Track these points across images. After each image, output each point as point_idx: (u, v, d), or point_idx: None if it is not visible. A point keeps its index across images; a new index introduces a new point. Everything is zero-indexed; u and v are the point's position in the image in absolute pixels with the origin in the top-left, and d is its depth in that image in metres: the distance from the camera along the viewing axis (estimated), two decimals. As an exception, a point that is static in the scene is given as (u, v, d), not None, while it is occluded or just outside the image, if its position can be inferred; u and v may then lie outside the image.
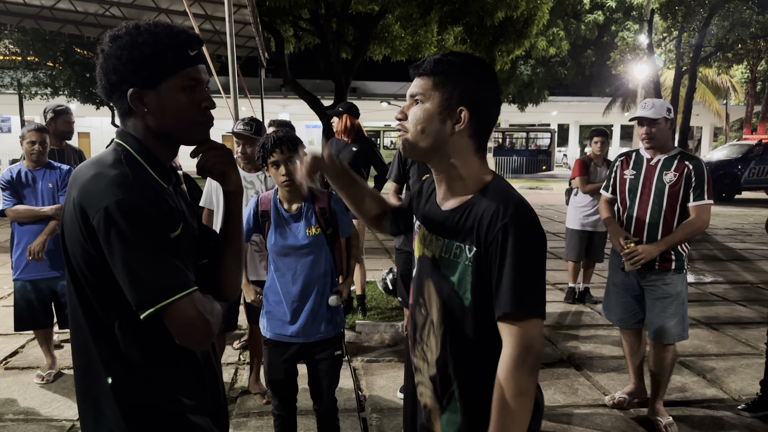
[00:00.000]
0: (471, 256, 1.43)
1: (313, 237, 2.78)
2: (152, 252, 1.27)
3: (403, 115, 1.53)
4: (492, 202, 1.43)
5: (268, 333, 2.85)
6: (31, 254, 3.86)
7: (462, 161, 1.50)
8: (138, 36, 1.35)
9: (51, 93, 24.25)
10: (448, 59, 1.48)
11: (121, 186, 1.29)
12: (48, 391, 3.99)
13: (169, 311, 1.28)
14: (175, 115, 1.39)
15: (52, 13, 9.59)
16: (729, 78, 29.71)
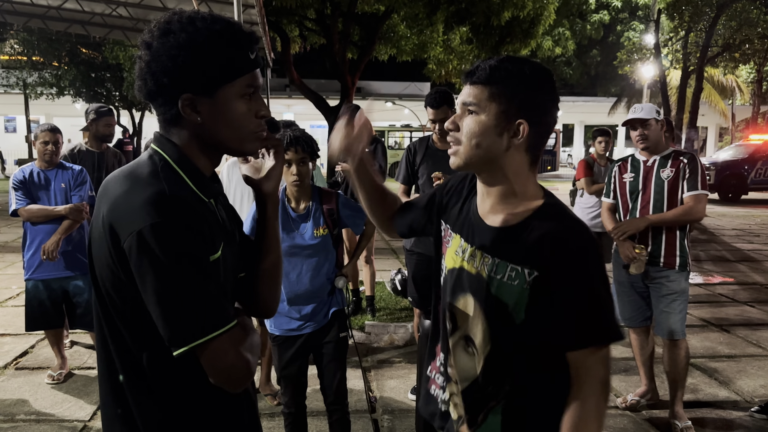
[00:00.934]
0: (530, 280, 1.34)
1: (320, 237, 2.79)
2: (188, 283, 1.13)
3: (454, 125, 1.41)
4: (555, 225, 1.36)
5: (276, 330, 2.86)
6: (46, 254, 3.86)
7: (516, 176, 1.41)
8: (196, 34, 1.19)
9: (56, 93, 24.35)
10: (506, 66, 1.36)
11: (156, 207, 1.13)
12: (59, 392, 4.00)
13: (204, 350, 1.15)
14: (231, 125, 1.25)
15: (59, 13, 9.61)
16: (735, 78, 29.61)
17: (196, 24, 1.20)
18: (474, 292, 1.44)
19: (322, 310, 2.84)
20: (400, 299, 5.84)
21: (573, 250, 1.33)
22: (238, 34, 1.23)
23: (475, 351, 1.45)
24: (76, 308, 4.15)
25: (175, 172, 1.23)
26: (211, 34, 1.19)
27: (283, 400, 2.95)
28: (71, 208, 3.94)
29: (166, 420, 1.25)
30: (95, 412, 3.71)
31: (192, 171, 1.26)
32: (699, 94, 17.71)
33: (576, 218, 1.40)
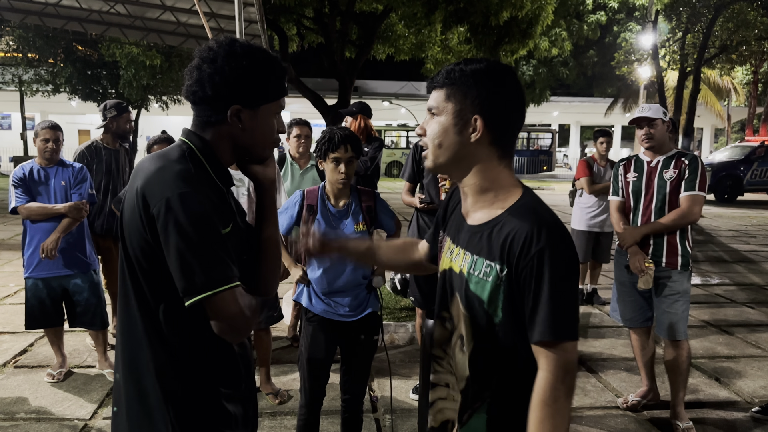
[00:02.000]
0: (503, 275, 1.37)
1: (360, 233, 2.85)
2: (205, 244, 1.35)
3: (422, 131, 1.50)
4: (525, 222, 1.36)
5: (314, 309, 2.87)
6: (45, 252, 3.83)
7: (485, 171, 1.45)
8: (255, 61, 1.46)
9: (52, 90, 24.22)
10: (459, 68, 1.43)
11: (184, 180, 1.38)
12: (59, 390, 3.97)
13: (212, 302, 1.36)
14: (263, 135, 1.53)
15: (56, 9, 9.55)
16: (731, 79, 29.71)
17: (255, 54, 1.47)
18: (458, 289, 1.48)
19: (359, 305, 2.88)
20: (400, 298, 5.82)
21: (542, 249, 1.33)
22: (278, 66, 1.52)
23: (465, 349, 1.47)
24: (76, 306, 4.12)
25: (198, 159, 1.48)
26: (263, 63, 1.48)
27: (302, 388, 2.91)
28: (71, 207, 3.92)
29: (175, 366, 1.46)
30: (96, 410, 3.70)
31: (213, 162, 1.51)
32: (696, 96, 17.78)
33: (549, 216, 1.39)
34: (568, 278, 1.35)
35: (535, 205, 1.42)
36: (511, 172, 1.48)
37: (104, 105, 4.74)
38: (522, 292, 1.35)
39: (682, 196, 3.48)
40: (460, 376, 1.50)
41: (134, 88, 21.60)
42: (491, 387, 1.44)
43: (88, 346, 4.74)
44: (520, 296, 1.36)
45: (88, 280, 4.09)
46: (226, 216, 1.46)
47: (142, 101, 24.03)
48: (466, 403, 1.48)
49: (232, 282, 1.38)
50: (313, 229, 1.85)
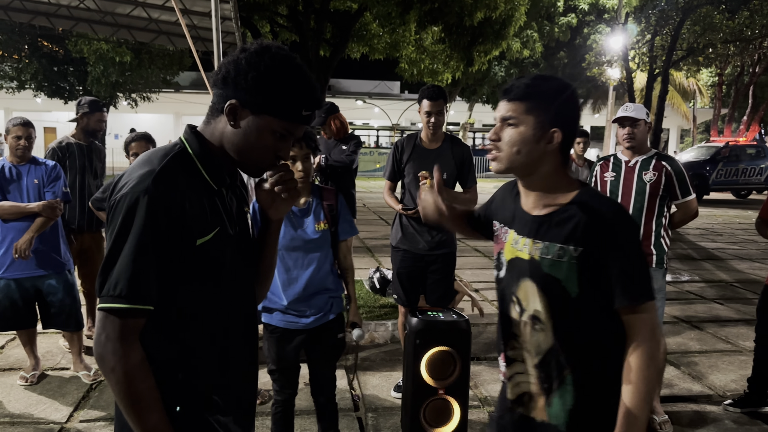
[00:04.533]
0: (576, 255, 1.57)
1: (321, 232, 2.81)
2: (132, 253, 1.28)
3: (496, 136, 1.64)
4: (595, 206, 1.58)
5: (275, 322, 2.83)
6: (18, 252, 3.73)
7: (552, 174, 1.65)
8: (277, 67, 1.38)
9: (17, 87, 23.63)
10: (538, 84, 1.61)
11: (151, 181, 1.31)
12: (33, 393, 3.88)
13: (105, 316, 1.29)
14: (251, 146, 1.42)
15: (22, 4, 9.30)
16: (696, 81, 30.39)
17: (283, 62, 1.39)
18: (531, 275, 1.66)
19: (324, 307, 2.84)
20: (379, 297, 5.83)
21: (618, 225, 1.56)
22: (306, 91, 1.42)
23: (543, 326, 1.65)
24: (50, 308, 4.02)
25: (188, 159, 1.42)
26: (286, 75, 1.39)
27: (276, 387, 2.93)
28: (44, 205, 3.82)
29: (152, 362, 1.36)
30: (72, 413, 3.62)
31: (208, 162, 1.44)
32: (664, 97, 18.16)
33: (610, 200, 1.65)
34: (641, 248, 1.59)
35: (596, 194, 1.65)
36: (568, 174, 1.70)
37: (80, 100, 4.68)
38: (600, 264, 1.54)
39: (681, 201, 3.58)
40: (536, 351, 1.67)
41: (103, 85, 21.22)
42: (573, 359, 1.61)
43: (62, 347, 4.64)
44: (598, 271, 1.55)
45: (62, 281, 4.00)
46: (209, 222, 1.39)
47: (111, 99, 23.60)
48: (547, 376, 1.65)
49: (138, 304, 1.29)
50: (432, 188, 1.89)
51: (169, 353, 1.39)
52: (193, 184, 1.38)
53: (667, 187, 3.56)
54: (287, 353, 2.86)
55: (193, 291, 1.39)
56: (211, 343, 1.44)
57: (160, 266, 1.30)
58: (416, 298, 3.96)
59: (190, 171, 1.40)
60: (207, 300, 1.43)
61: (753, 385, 3.85)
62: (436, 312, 3.20)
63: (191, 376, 1.41)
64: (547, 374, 1.66)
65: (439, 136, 3.87)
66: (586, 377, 1.62)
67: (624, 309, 1.55)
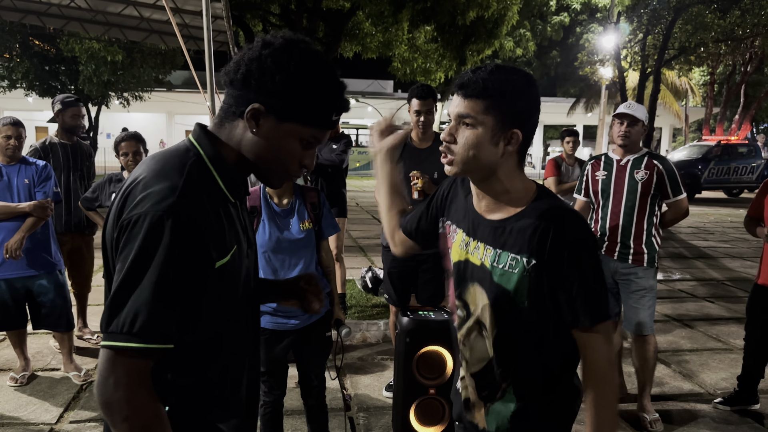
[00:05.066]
0: (529, 267, 1.46)
1: (306, 231, 2.81)
2: (154, 282, 1.10)
3: (451, 137, 1.49)
4: (550, 216, 1.46)
5: (269, 324, 2.83)
6: (9, 252, 3.71)
7: (508, 176, 1.51)
8: (306, 70, 1.23)
9: (8, 86, 23.47)
10: (498, 78, 1.43)
11: (162, 201, 1.14)
12: (23, 394, 3.86)
13: (114, 352, 1.11)
14: (276, 155, 1.27)
15: (13, 2, 9.25)
16: (688, 80, 30.52)
17: (313, 62, 1.24)
18: (479, 281, 1.57)
19: None
20: (371, 296, 5.83)
21: (574, 240, 1.45)
22: (336, 95, 1.28)
23: (486, 334, 1.58)
24: (41, 308, 4.00)
25: (206, 169, 1.25)
26: (317, 78, 1.24)
27: (265, 388, 2.94)
28: (35, 205, 3.80)
29: None
30: (62, 414, 3.60)
31: (225, 170, 1.28)
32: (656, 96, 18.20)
33: (569, 209, 1.50)
34: (598, 263, 1.49)
35: (554, 198, 1.53)
36: (523, 172, 1.56)
37: (54, 98, 4.69)
38: (553, 279, 1.45)
39: (672, 201, 3.59)
40: (476, 359, 1.61)
41: (94, 84, 21.10)
42: (515, 369, 1.56)
43: (53, 348, 4.61)
44: (548, 284, 1.46)
45: (53, 281, 3.98)
46: (226, 243, 1.24)
47: (103, 98, 23.49)
48: (486, 385, 1.60)
49: (157, 343, 1.11)
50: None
51: (174, 390, 1.25)
52: (213, 198, 1.23)
53: (658, 186, 3.57)
54: (276, 354, 2.86)
55: (207, 315, 1.24)
56: (223, 369, 1.32)
57: (184, 298, 1.14)
58: (407, 298, 3.97)
59: (208, 183, 1.24)
60: (221, 322, 1.29)
61: (743, 383, 3.87)
62: (426, 311, 3.20)
63: (202, 401, 1.30)
64: (486, 383, 1.61)
65: (429, 135, 3.87)
66: (527, 389, 1.57)
67: (580, 328, 1.47)
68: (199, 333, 1.23)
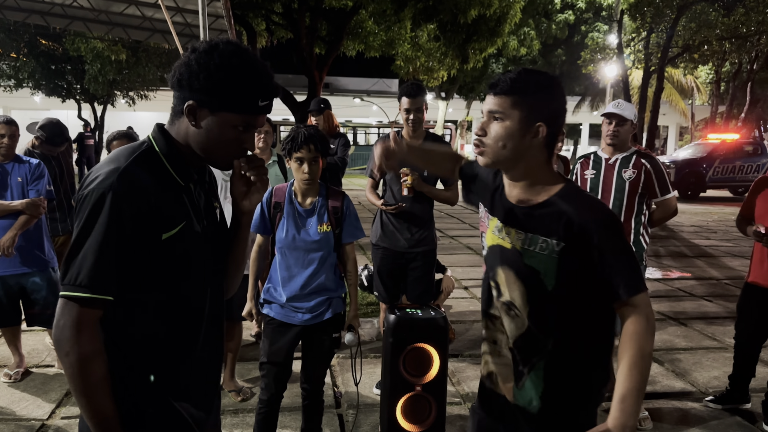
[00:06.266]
0: (558, 249, 1.60)
1: (323, 234, 2.84)
2: (97, 244, 1.34)
3: (482, 131, 1.66)
4: (578, 203, 1.62)
5: (278, 315, 2.88)
6: (1, 249, 3.75)
7: (537, 168, 1.67)
8: (228, 64, 1.41)
9: (14, 85, 23.61)
10: (524, 78, 1.61)
11: (106, 179, 1.37)
12: (16, 390, 3.90)
13: (65, 303, 1.34)
14: (216, 143, 1.47)
15: (17, 2, 9.32)
16: (694, 79, 30.36)
17: (232, 58, 1.42)
18: (510, 263, 1.71)
19: (321, 306, 2.88)
20: (367, 295, 5.84)
21: (603, 222, 1.59)
22: (259, 82, 1.45)
23: (518, 313, 1.70)
24: (34, 305, 4.04)
25: (155, 156, 1.47)
26: (237, 70, 1.42)
27: (263, 384, 2.94)
28: (28, 203, 3.84)
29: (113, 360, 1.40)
30: (54, 410, 3.64)
31: (174, 159, 1.49)
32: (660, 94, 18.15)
33: (593, 197, 1.69)
34: (628, 243, 1.63)
35: (580, 190, 1.70)
36: (553, 168, 1.72)
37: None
38: (584, 262, 1.57)
39: (661, 199, 3.61)
40: (511, 335, 1.72)
41: (100, 84, 21.20)
42: (547, 345, 1.66)
43: (48, 345, 4.66)
44: (577, 267, 1.59)
45: (46, 279, 4.02)
46: (175, 217, 1.45)
47: (108, 97, 23.60)
48: (520, 358, 1.71)
49: (97, 293, 1.34)
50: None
51: (133, 342, 1.44)
52: (158, 180, 1.43)
53: (646, 185, 3.57)
54: (280, 347, 2.89)
55: (160, 282, 1.45)
56: (175, 333, 1.50)
57: (123, 259, 1.36)
58: (397, 295, 3.98)
59: (156, 168, 1.45)
60: (173, 291, 1.48)
61: (734, 382, 3.86)
62: (414, 309, 3.21)
63: (154, 364, 1.47)
64: (519, 358, 1.72)
65: (420, 133, 3.87)
66: (557, 365, 1.67)
67: (620, 303, 1.58)
68: (147, 293, 1.43)
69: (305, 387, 3.03)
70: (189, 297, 1.52)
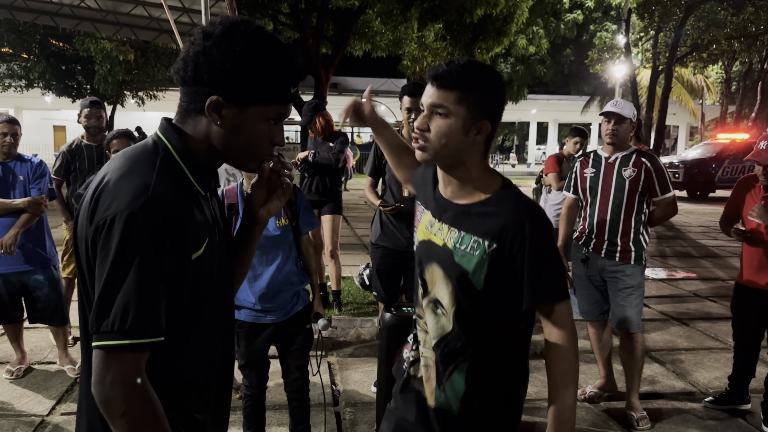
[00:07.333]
0: (490, 251, 1.55)
1: (282, 227, 2.87)
2: (137, 279, 1.13)
3: (425, 125, 1.57)
4: (515, 206, 1.57)
5: (248, 318, 2.89)
6: (3, 248, 3.79)
7: (474, 164, 1.61)
8: (254, 50, 1.22)
9: (25, 85, 23.85)
10: (470, 72, 1.53)
11: (136, 199, 1.14)
12: (18, 387, 3.94)
13: (111, 352, 1.13)
14: (247, 141, 1.28)
15: (26, 3, 9.41)
16: (704, 78, 30.15)
17: (258, 41, 1.23)
18: (440, 260, 1.66)
19: (290, 302, 2.91)
20: (368, 293, 5.86)
21: (535, 229, 1.54)
22: (289, 66, 1.27)
23: (444, 312, 1.66)
24: (36, 303, 4.08)
25: (175, 164, 1.26)
26: (266, 55, 1.23)
27: (246, 383, 3.01)
28: (30, 202, 3.88)
29: None
30: (54, 407, 3.67)
31: (194, 164, 1.29)
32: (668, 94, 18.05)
33: (529, 200, 1.63)
34: (557, 250, 1.61)
35: (518, 191, 1.65)
36: (489, 164, 1.68)
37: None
38: (512, 264, 1.55)
39: (661, 198, 3.58)
40: (434, 334, 1.68)
41: (109, 84, 21.38)
42: (471, 346, 1.63)
43: (51, 342, 4.70)
44: (507, 270, 1.55)
45: (47, 276, 4.06)
46: (200, 235, 1.25)
47: (118, 97, 23.79)
48: (443, 359, 1.66)
49: (148, 337, 1.14)
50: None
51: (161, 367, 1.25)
52: (183, 193, 1.23)
53: (646, 183, 3.56)
54: (256, 347, 2.92)
55: (186, 304, 1.26)
56: (195, 351, 1.34)
57: (167, 292, 1.18)
58: (396, 295, 3.99)
59: (178, 177, 1.25)
60: (197, 310, 1.30)
61: (734, 383, 3.84)
62: (411, 307, 3.22)
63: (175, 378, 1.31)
64: (441, 359, 1.67)
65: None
66: (479, 367, 1.64)
67: (550, 306, 1.58)
68: (179, 320, 1.25)
69: (290, 383, 3.04)
70: (208, 309, 1.35)
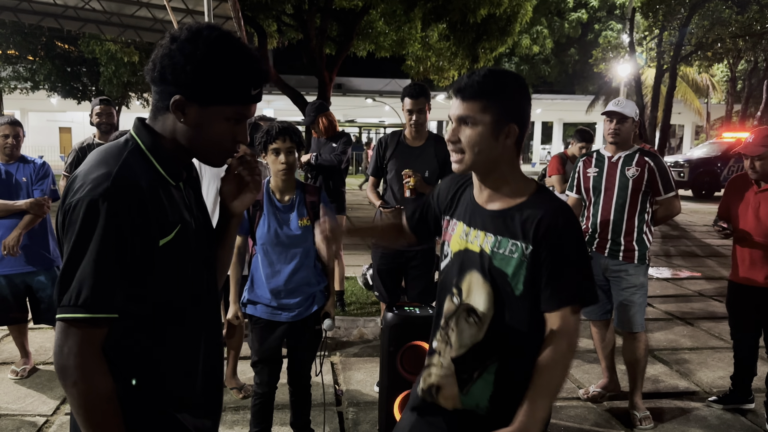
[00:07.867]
0: (528, 253, 1.60)
1: (304, 228, 2.89)
2: (96, 258, 1.22)
3: (455, 137, 1.64)
4: (548, 208, 1.62)
5: (264, 314, 2.92)
6: (6, 249, 3.81)
7: (508, 168, 1.67)
8: (215, 53, 1.30)
9: (31, 87, 23.95)
10: (491, 81, 1.60)
11: (98, 186, 1.25)
12: (22, 387, 3.96)
13: (69, 325, 1.23)
14: (209, 138, 1.38)
15: (30, 5, 9.45)
16: (709, 77, 30.03)
17: (219, 45, 1.31)
18: (479, 267, 1.68)
19: (306, 301, 2.94)
20: (371, 294, 5.86)
21: (565, 230, 1.60)
22: (250, 69, 1.35)
23: (477, 320, 1.68)
24: (40, 303, 4.10)
25: (144, 157, 1.36)
26: (226, 59, 1.32)
27: (257, 380, 3.02)
28: (32, 203, 3.89)
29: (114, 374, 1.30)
30: (58, 406, 3.69)
31: (163, 157, 1.38)
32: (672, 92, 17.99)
33: (564, 203, 1.68)
34: (585, 254, 1.66)
35: (550, 194, 1.71)
36: (520, 166, 1.74)
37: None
38: (542, 265, 1.58)
39: (663, 198, 3.57)
40: (461, 344, 1.69)
41: (114, 86, 21.47)
42: (501, 351, 1.66)
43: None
44: (540, 270, 1.59)
45: (51, 277, 4.07)
46: (169, 221, 1.33)
47: (123, 98, 23.86)
48: (465, 368, 1.68)
49: (102, 312, 1.23)
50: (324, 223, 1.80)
51: (129, 356, 1.34)
52: (150, 182, 1.32)
53: (649, 183, 3.55)
54: (270, 344, 2.95)
55: (157, 291, 1.33)
56: (174, 341, 1.39)
57: (124, 272, 1.25)
58: (398, 294, 3.99)
59: (146, 168, 1.34)
60: (171, 297, 1.37)
61: (736, 382, 3.83)
62: (412, 307, 3.23)
63: (153, 377, 1.37)
64: (466, 366, 1.69)
65: (423, 134, 3.89)
66: (508, 367, 1.66)
67: (563, 310, 1.60)
68: (149, 306, 1.32)
69: (293, 382, 3.07)
70: (186, 299, 1.41)
